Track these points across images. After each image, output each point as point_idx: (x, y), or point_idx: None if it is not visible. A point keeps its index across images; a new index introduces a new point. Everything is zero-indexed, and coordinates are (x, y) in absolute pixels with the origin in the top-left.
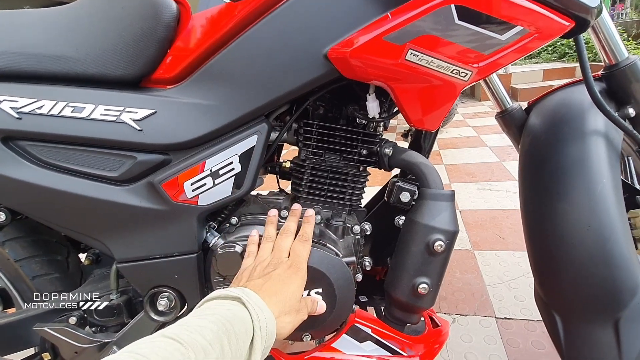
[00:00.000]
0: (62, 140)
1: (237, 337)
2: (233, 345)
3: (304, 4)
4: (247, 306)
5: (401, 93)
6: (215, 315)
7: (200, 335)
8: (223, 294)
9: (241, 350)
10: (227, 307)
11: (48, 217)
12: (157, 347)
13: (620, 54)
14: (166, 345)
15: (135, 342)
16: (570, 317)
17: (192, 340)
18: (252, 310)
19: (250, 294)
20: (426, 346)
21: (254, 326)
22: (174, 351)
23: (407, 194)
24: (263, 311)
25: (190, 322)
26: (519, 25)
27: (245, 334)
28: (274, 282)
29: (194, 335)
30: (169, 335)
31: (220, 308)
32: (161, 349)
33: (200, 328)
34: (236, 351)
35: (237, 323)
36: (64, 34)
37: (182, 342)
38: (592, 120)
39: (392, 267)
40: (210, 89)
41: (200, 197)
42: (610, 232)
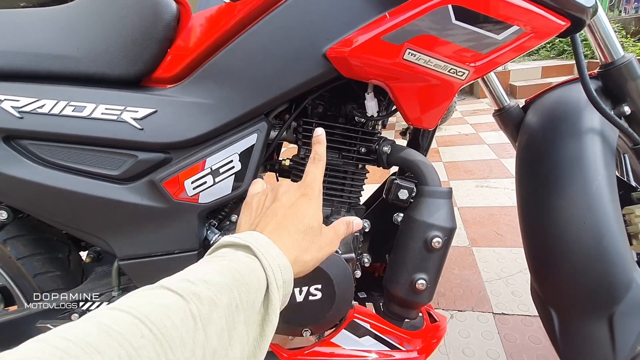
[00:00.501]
0: (63, 139)
1: (249, 288)
2: (244, 297)
3: (303, 4)
4: (258, 254)
5: (399, 92)
6: (223, 265)
7: (206, 286)
8: (232, 241)
9: (254, 301)
10: (236, 256)
11: (50, 216)
12: (153, 299)
13: (616, 52)
14: (164, 298)
15: (131, 293)
16: (566, 312)
17: (195, 292)
18: (264, 259)
19: (260, 239)
20: (424, 341)
21: (267, 276)
22: (171, 304)
23: (405, 192)
24: (276, 259)
25: (195, 272)
26: (515, 25)
27: (259, 284)
28: (284, 215)
29: (198, 287)
30: (168, 286)
31: (230, 256)
32: (157, 303)
33: (206, 277)
34: (248, 303)
35: (248, 274)
36: (64, 34)
37: (182, 295)
38: (588, 119)
39: (391, 263)
40: (210, 88)
41: (200, 195)
42: (605, 229)
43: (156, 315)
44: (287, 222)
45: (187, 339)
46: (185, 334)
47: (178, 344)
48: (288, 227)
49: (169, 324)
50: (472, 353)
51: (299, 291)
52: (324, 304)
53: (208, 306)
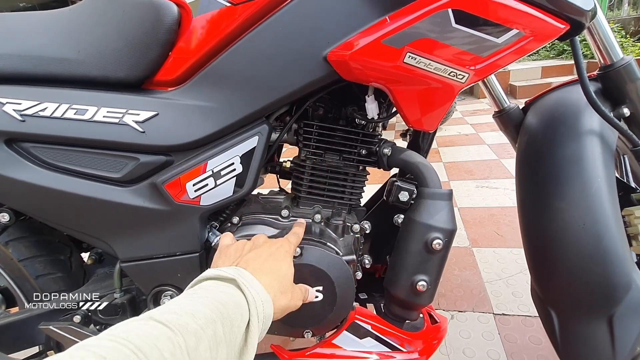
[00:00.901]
0: (65, 142)
1: (232, 321)
2: (227, 330)
3: (304, 8)
4: (243, 289)
5: (399, 95)
6: (208, 298)
7: (192, 318)
8: (217, 274)
9: (236, 335)
10: (221, 289)
11: (52, 218)
12: (143, 331)
13: (616, 54)
14: (153, 330)
15: (120, 324)
16: (566, 313)
17: (182, 325)
18: (248, 293)
19: (245, 275)
20: (425, 342)
21: (250, 310)
22: (160, 336)
23: (405, 194)
24: (259, 294)
25: (181, 305)
26: (514, 29)
27: (241, 318)
28: (267, 260)
29: (185, 319)
30: (157, 318)
31: (215, 290)
32: (147, 334)
33: (192, 311)
34: (230, 336)
35: (232, 307)
36: (66, 37)
37: (170, 327)
38: (587, 120)
39: (391, 265)
40: (212, 91)
41: (202, 197)
42: (604, 230)
43: (147, 347)
44: (267, 265)
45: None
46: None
47: None
48: (269, 270)
49: (158, 355)
50: (473, 354)
51: None
52: (325, 305)
53: (194, 338)
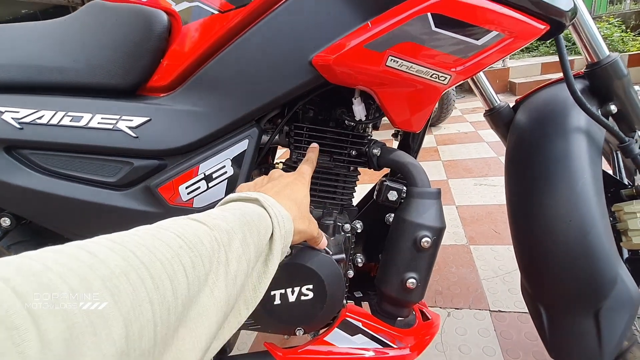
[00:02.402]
0: (62, 148)
1: (259, 230)
2: (254, 237)
3: (289, 14)
4: (265, 205)
5: (384, 97)
6: (235, 210)
7: (224, 221)
8: (241, 196)
9: (262, 243)
10: (247, 205)
11: (51, 222)
12: (182, 224)
13: (602, 52)
14: (191, 224)
15: (161, 222)
16: (554, 309)
17: (216, 224)
18: (270, 210)
19: (266, 196)
20: (416, 338)
21: (272, 223)
22: (199, 228)
23: (394, 193)
24: (280, 210)
25: (212, 212)
26: (494, 31)
27: (265, 230)
28: (282, 187)
29: (218, 221)
30: (193, 217)
31: (240, 206)
32: (187, 225)
33: (223, 216)
34: (257, 243)
35: (257, 219)
36: (61, 46)
37: (206, 224)
38: (574, 118)
39: (382, 263)
40: (202, 96)
41: (195, 200)
42: (590, 226)
43: (188, 234)
44: (284, 193)
45: (213, 256)
46: (211, 252)
47: (206, 258)
48: (287, 196)
49: (198, 242)
50: (469, 350)
51: (291, 291)
52: (316, 303)
53: (227, 235)
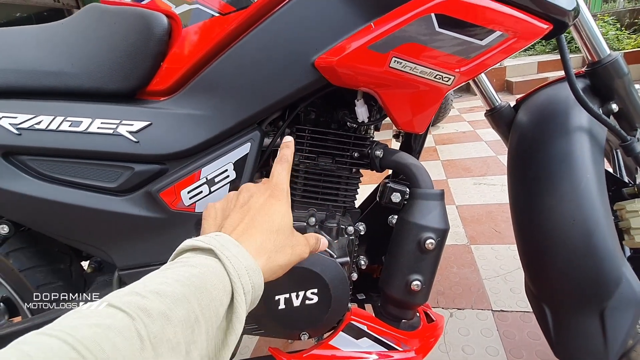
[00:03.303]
0: (61, 154)
1: (211, 295)
2: (204, 306)
3: (291, 16)
4: (222, 258)
5: (387, 98)
6: (182, 271)
7: (159, 298)
8: (194, 244)
9: (217, 309)
10: (199, 260)
11: (50, 229)
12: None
13: (603, 51)
14: (106, 318)
15: (72, 312)
16: (559, 309)
17: (144, 308)
18: (228, 262)
19: (226, 241)
20: (421, 340)
21: (232, 281)
22: (113, 324)
23: (397, 195)
24: (242, 261)
25: (147, 283)
26: (497, 31)
27: (223, 291)
28: (253, 215)
29: (149, 301)
30: (114, 303)
31: (190, 263)
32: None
33: (160, 290)
34: (209, 312)
35: (211, 279)
36: (59, 51)
37: (128, 312)
38: (576, 117)
39: (386, 265)
40: (203, 99)
41: (197, 204)
42: (594, 226)
43: (93, 339)
44: (257, 222)
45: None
46: (129, 356)
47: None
48: (259, 227)
49: (109, 348)
50: (472, 350)
51: (295, 296)
52: (321, 307)
53: (159, 322)
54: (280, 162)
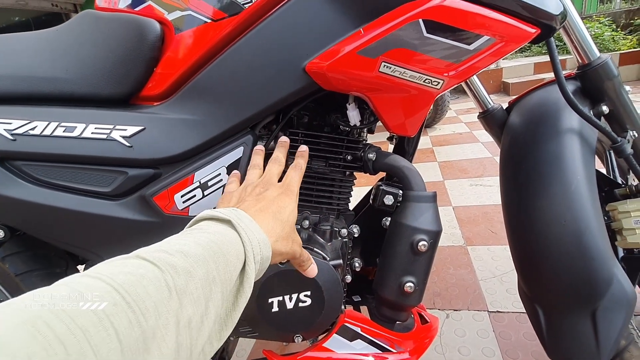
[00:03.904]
0: (55, 159)
1: (227, 260)
2: (221, 268)
3: (282, 22)
4: (238, 229)
5: (378, 102)
6: (202, 237)
7: (183, 257)
8: (213, 215)
9: (231, 274)
10: (216, 229)
11: (45, 233)
12: (129, 269)
13: (592, 53)
14: (139, 268)
15: (107, 261)
16: (551, 309)
17: (171, 263)
18: (244, 233)
19: (242, 215)
20: (415, 342)
21: (245, 250)
22: (146, 273)
23: (390, 197)
24: (256, 234)
25: (172, 243)
26: (485, 35)
27: (237, 258)
28: (267, 203)
29: (175, 258)
30: (145, 256)
31: (210, 229)
32: (133, 272)
33: (184, 250)
34: (225, 275)
35: (227, 246)
36: (53, 57)
37: (158, 265)
38: (567, 119)
39: (380, 267)
40: (196, 104)
41: (190, 208)
42: (585, 227)
43: (130, 284)
44: (269, 210)
45: (161, 307)
46: (159, 303)
47: (151, 312)
48: (271, 214)
49: (143, 293)
50: (468, 352)
51: (289, 298)
52: (314, 310)
53: (184, 277)
54: (294, 168)
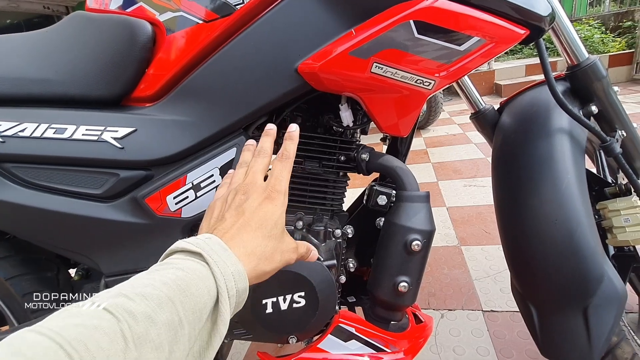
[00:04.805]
0: (45, 161)
1: (195, 299)
2: (188, 308)
3: (274, 22)
4: (210, 263)
5: (370, 103)
6: (169, 274)
7: (144, 300)
8: (184, 247)
9: (200, 313)
10: (186, 264)
11: (35, 236)
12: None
13: (581, 54)
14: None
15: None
16: (544, 307)
17: (129, 309)
18: (216, 267)
19: (215, 245)
20: (410, 341)
21: (217, 285)
22: (99, 325)
23: (383, 197)
24: (230, 266)
25: (135, 284)
26: (475, 36)
27: (208, 294)
28: (248, 217)
29: (134, 304)
30: (101, 304)
31: (178, 266)
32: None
33: (145, 292)
34: (192, 315)
35: (195, 282)
36: (44, 58)
37: (114, 313)
38: (557, 119)
39: (374, 267)
40: (188, 105)
41: (183, 209)
42: (576, 225)
43: (80, 338)
44: (249, 227)
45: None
46: (112, 356)
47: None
48: (251, 233)
49: (94, 347)
50: (463, 351)
51: (282, 299)
52: (308, 310)
53: (144, 323)
54: (281, 159)
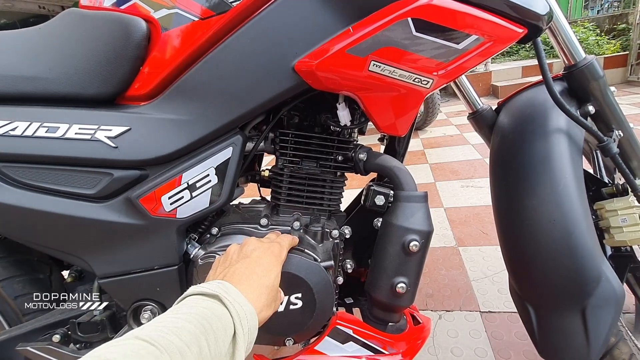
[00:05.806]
0: (37, 161)
1: (217, 336)
2: (212, 345)
3: (271, 20)
4: (226, 304)
5: (368, 101)
6: (192, 314)
7: (177, 336)
8: (201, 290)
9: (221, 349)
10: (205, 304)
11: (27, 237)
12: (129, 349)
13: (578, 54)
14: (139, 348)
15: (105, 344)
16: (542, 308)
17: (167, 343)
18: (232, 308)
19: (229, 289)
20: (408, 343)
21: (234, 324)
22: (146, 355)
23: (381, 197)
24: (243, 307)
25: (165, 322)
26: (474, 35)
27: (225, 333)
28: (255, 268)
29: (170, 337)
30: (142, 337)
31: (199, 306)
32: (133, 352)
33: (177, 329)
34: (216, 350)
35: (216, 322)
36: (37, 55)
37: (156, 345)
38: (554, 119)
39: (371, 268)
40: (183, 104)
41: (178, 210)
42: (574, 226)
43: None
44: (254, 275)
45: None
46: None
47: None
48: (257, 280)
49: None
50: (461, 352)
51: None
52: (305, 312)
53: (180, 356)
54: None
